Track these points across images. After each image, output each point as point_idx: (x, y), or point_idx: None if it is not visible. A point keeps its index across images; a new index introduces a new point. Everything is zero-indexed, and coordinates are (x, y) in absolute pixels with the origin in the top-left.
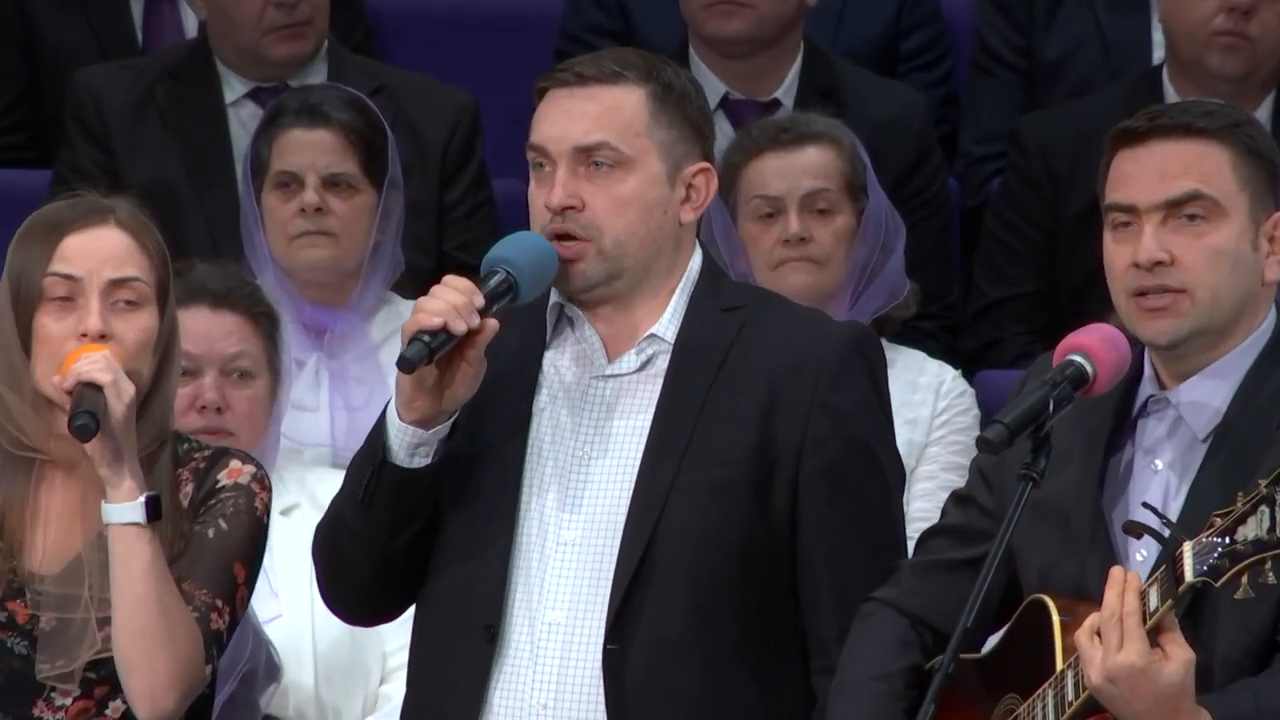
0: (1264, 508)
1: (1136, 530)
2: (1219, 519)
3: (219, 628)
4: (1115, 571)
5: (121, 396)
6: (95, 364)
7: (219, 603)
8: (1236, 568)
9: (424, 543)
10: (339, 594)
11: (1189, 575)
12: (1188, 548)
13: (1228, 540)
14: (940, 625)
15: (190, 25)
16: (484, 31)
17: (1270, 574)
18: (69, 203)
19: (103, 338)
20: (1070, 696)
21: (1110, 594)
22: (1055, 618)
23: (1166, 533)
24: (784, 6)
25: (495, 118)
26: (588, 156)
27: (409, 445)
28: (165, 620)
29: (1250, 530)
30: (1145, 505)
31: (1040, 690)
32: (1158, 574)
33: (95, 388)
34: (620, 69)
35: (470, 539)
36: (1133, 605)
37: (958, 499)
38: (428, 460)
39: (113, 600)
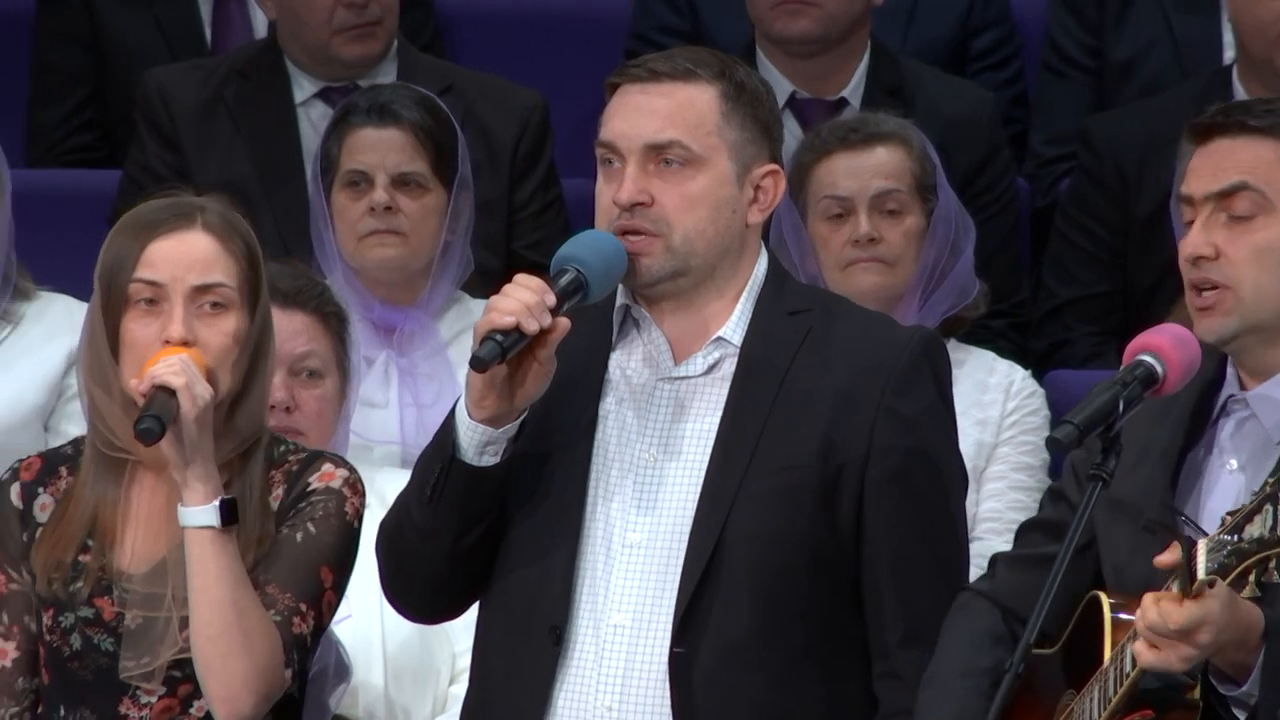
0: (1269, 506)
1: (1153, 528)
2: (1229, 517)
3: (302, 632)
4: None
5: (195, 400)
6: (170, 367)
7: (303, 607)
8: (1241, 565)
9: (490, 542)
10: (403, 590)
11: (1201, 572)
12: (1202, 545)
13: (1235, 538)
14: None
15: (259, 25)
16: (553, 31)
17: (1275, 572)
18: (158, 203)
19: (185, 344)
20: (1110, 692)
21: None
22: (1107, 615)
23: (1195, 530)
24: (851, 6)
25: (565, 117)
26: (658, 154)
27: (478, 443)
28: (241, 623)
29: (1255, 529)
30: (1166, 504)
31: (1088, 685)
32: (1177, 571)
33: (168, 391)
34: (693, 67)
35: (537, 540)
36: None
37: (1053, 494)
38: (496, 459)
39: (190, 604)
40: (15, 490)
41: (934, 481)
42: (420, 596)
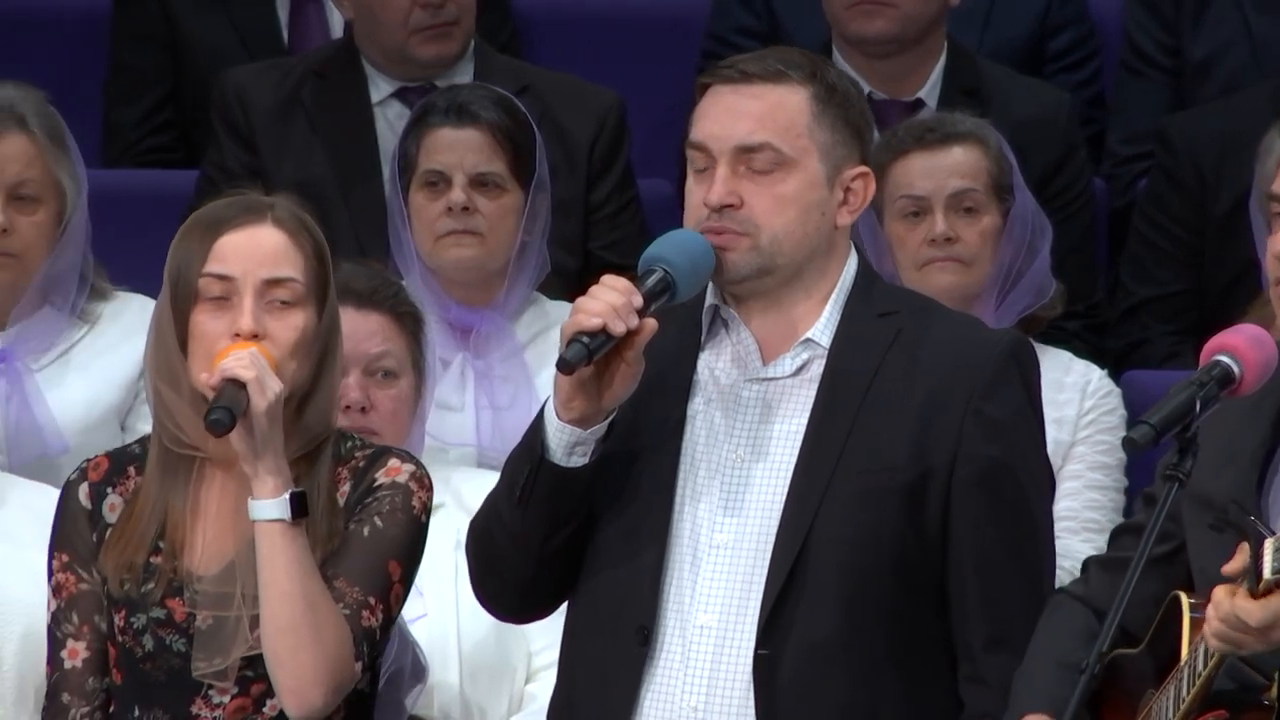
0: None
1: (1220, 526)
2: None
3: (371, 625)
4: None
5: (265, 393)
6: (240, 360)
7: (372, 600)
8: None
9: (578, 542)
10: (492, 591)
11: (1267, 572)
12: (1269, 544)
13: None
14: (1126, 621)
15: (336, 25)
16: (630, 32)
17: None
18: (227, 201)
19: (255, 337)
20: (1184, 691)
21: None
22: (1186, 614)
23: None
24: (927, 6)
25: (641, 118)
26: (749, 156)
27: (567, 444)
28: (311, 616)
29: None
30: (1234, 502)
31: (1165, 683)
32: (1245, 570)
33: (239, 384)
34: (784, 68)
35: (625, 540)
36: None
37: (1145, 497)
38: (585, 459)
39: (260, 597)
40: (84, 490)
41: (1021, 485)
42: (510, 597)
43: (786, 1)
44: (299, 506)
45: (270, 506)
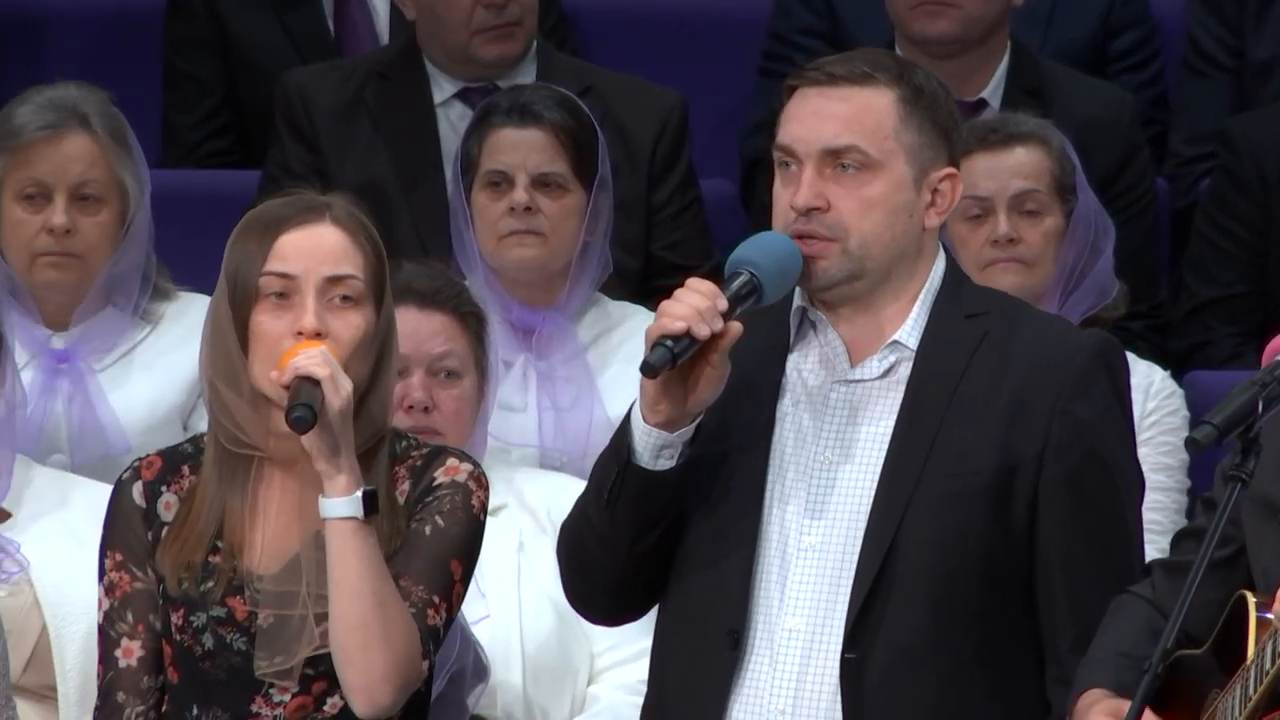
0: None
1: None
2: None
3: (435, 624)
4: None
5: (339, 391)
6: (313, 359)
7: (435, 599)
8: None
9: (668, 545)
10: (584, 593)
11: None
12: None
13: None
14: (1188, 624)
15: (381, 25)
16: (691, 32)
17: None
18: (285, 200)
19: (318, 335)
20: (1251, 690)
21: None
22: (1252, 613)
23: None
24: (990, 6)
25: (703, 118)
26: (836, 158)
27: (653, 447)
28: (382, 614)
29: None
30: None
31: (1231, 683)
32: None
33: (313, 382)
34: (871, 70)
35: (714, 543)
36: None
37: (1204, 502)
38: (672, 462)
39: (330, 595)
40: (137, 489)
41: (1109, 485)
42: (601, 599)
43: (849, 1)
44: (370, 504)
45: (343, 504)
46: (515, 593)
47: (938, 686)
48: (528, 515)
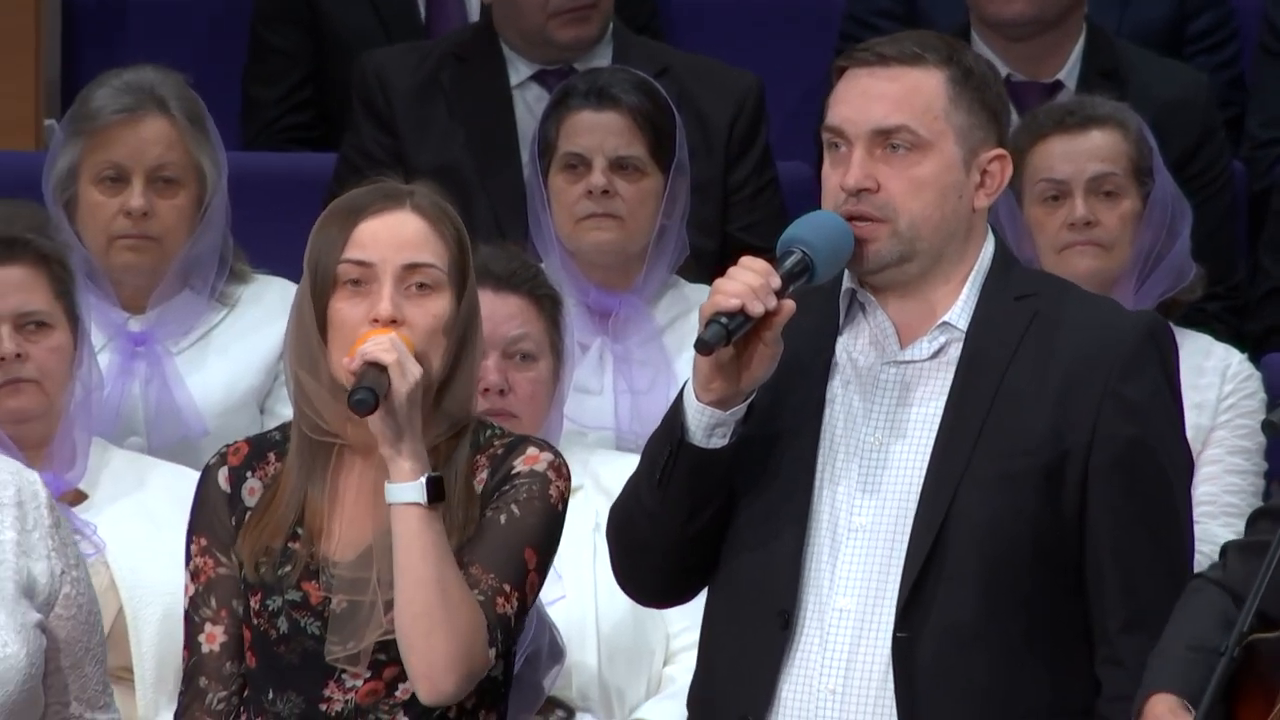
0: None
1: None
2: None
3: (506, 612)
4: None
5: (406, 376)
6: (380, 344)
7: (506, 587)
8: None
9: (719, 525)
10: (633, 575)
11: None
12: None
13: None
14: (1262, 605)
15: (473, 6)
16: (768, 14)
17: None
18: (367, 189)
19: (393, 323)
20: None
21: None
22: None
23: None
24: None
25: (780, 100)
26: (885, 139)
27: (706, 426)
28: (444, 601)
29: None
30: None
31: None
32: None
33: (379, 368)
34: (921, 51)
35: (765, 523)
36: None
37: None
38: (725, 441)
39: (395, 580)
40: (223, 475)
41: (1159, 467)
42: (651, 580)
43: None
44: (435, 491)
45: (407, 490)
46: (591, 574)
47: (988, 666)
48: (604, 497)
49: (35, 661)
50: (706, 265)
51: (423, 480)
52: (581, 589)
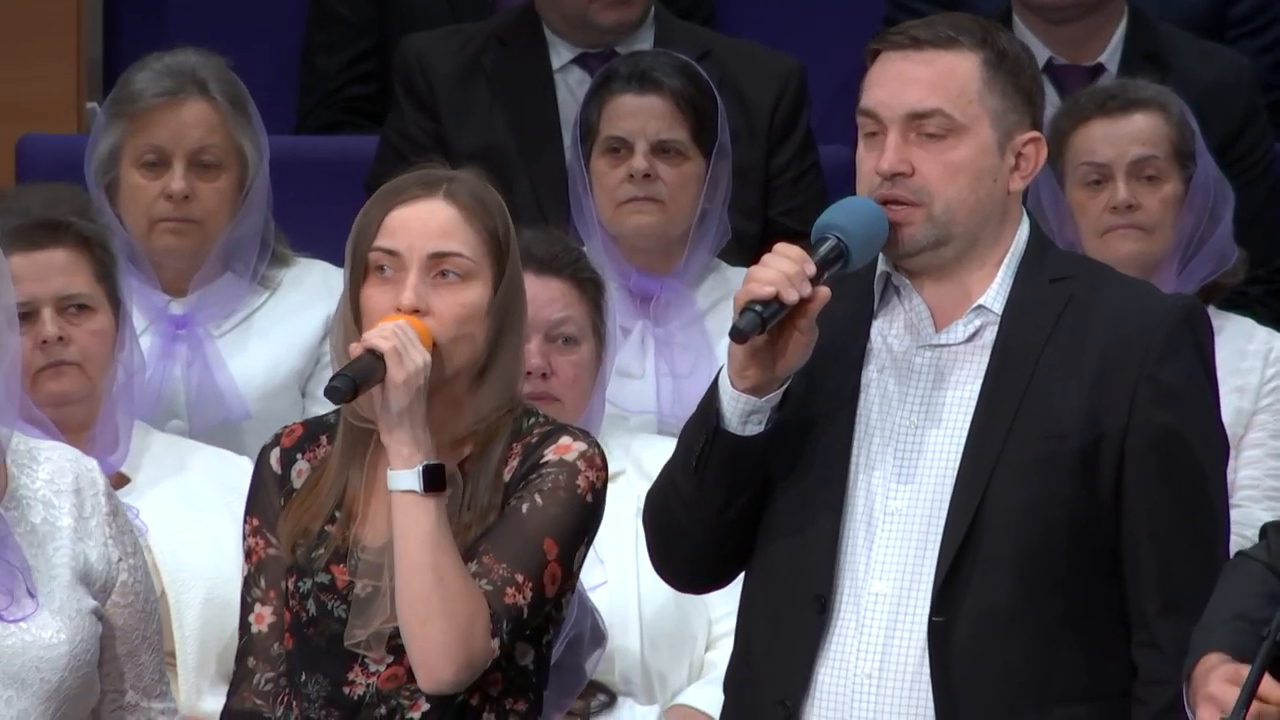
0: None
1: None
2: None
3: (516, 603)
4: None
5: (404, 365)
6: (380, 331)
7: (519, 578)
8: None
9: (755, 511)
10: (669, 561)
11: None
12: None
13: None
14: None
15: None
16: None
17: None
18: (409, 175)
19: (416, 312)
20: None
21: None
22: None
23: None
24: None
25: (822, 84)
26: (920, 123)
27: (742, 413)
28: (441, 590)
29: None
30: None
31: None
32: None
33: (376, 355)
34: (955, 34)
35: (801, 508)
36: None
37: None
38: (761, 428)
39: (395, 567)
40: (275, 456)
41: (1194, 451)
42: (686, 566)
43: None
44: (432, 479)
45: (403, 477)
46: (634, 559)
47: (1024, 650)
48: (646, 482)
49: (89, 649)
50: (748, 249)
51: (419, 468)
52: (624, 574)
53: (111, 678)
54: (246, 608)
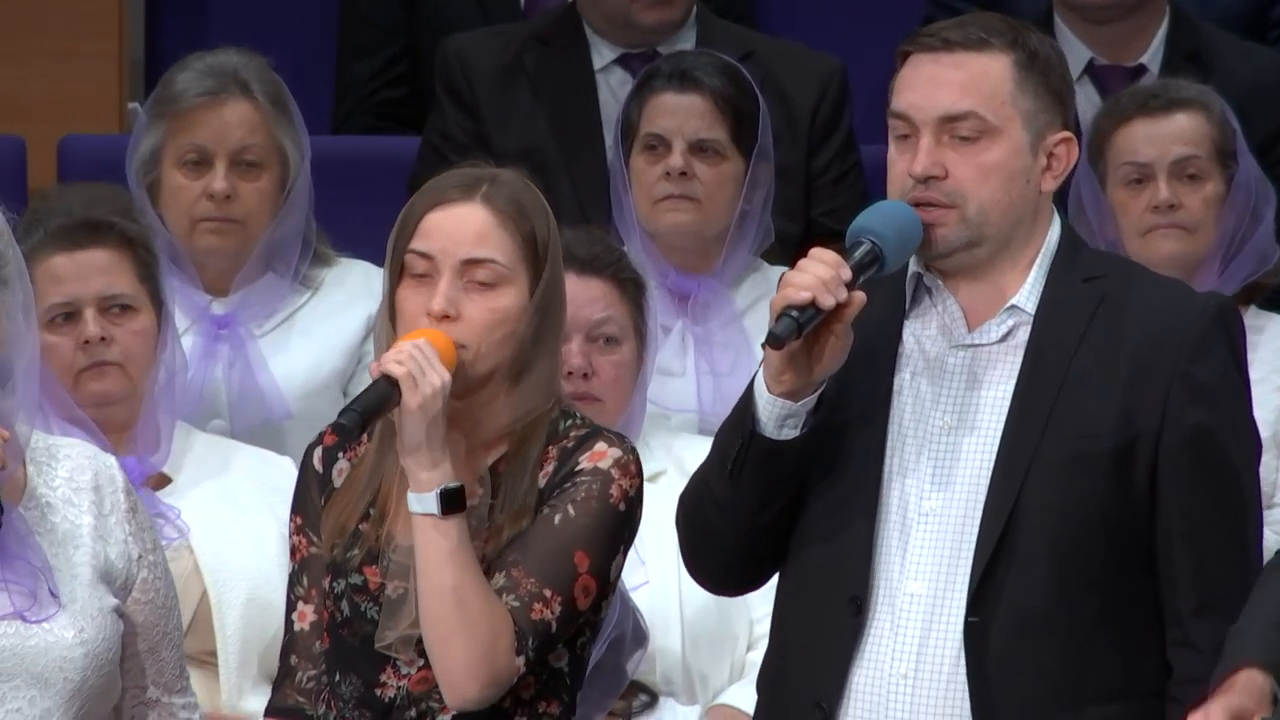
0: None
1: None
2: None
3: (544, 618)
4: None
5: (419, 389)
6: (396, 354)
7: (547, 593)
8: None
9: (789, 514)
10: (703, 564)
11: None
12: None
13: None
14: None
15: None
16: None
17: None
18: (450, 175)
19: (446, 317)
20: None
21: None
22: None
23: None
24: None
25: (863, 84)
26: (953, 126)
27: (778, 417)
28: (460, 611)
29: None
30: None
31: None
32: None
33: (391, 380)
34: (986, 35)
35: (836, 511)
36: None
37: None
38: (796, 432)
39: (417, 586)
40: (318, 454)
41: (1228, 449)
42: (720, 569)
43: None
44: (450, 503)
45: (421, 500)
46: (675, 559)
47: (1060, 650)
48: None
49: (111, 648)
50: (789, 249)
51: (436, 492)
52: (665, 574)
53: (133, 674)
54: (290, 605)
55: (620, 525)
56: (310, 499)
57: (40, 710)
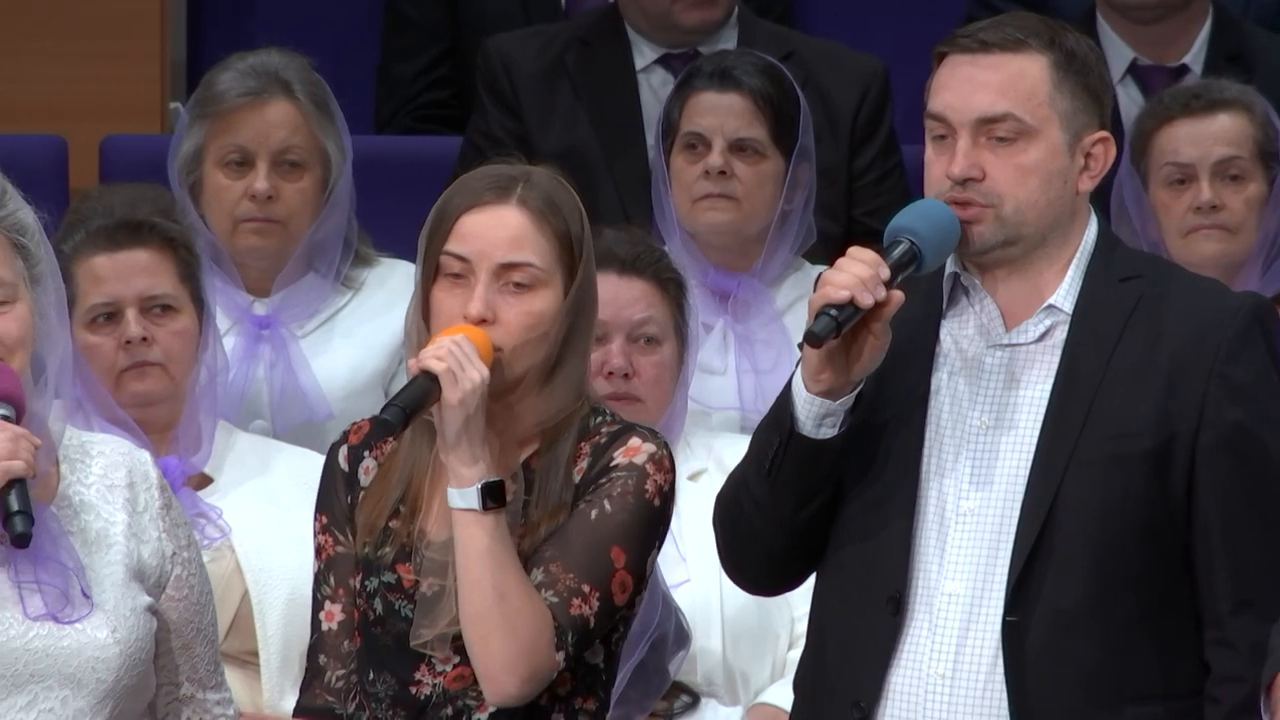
0: None
1: None
2: None
3: (583, 614)
4: None
5: (459, 385)
6: (436, 350)
7: (585, 588)
8: None
9: (827, 513)
10: (741, 563)
11: None
12: None
13: None
14: None
15: None
16: None
17: None
18: (485, 172)
19: (483, 320)
20: None
21: None
22: None
23: None
24: None
25: (905, 84)
26: (991, 127)
27: (816, 416)
28: (501, 606)
29: None
30: None
31: None
32: None
33: (431, 376)
34: (1023, 36)
35: (874, 511)
36: None
37: None
38: (835, 431)
39: (458, 582)
40: (343, 453)
41: (1266, 448)
42: (758, 568)
43: None
44: (491, 497)
45: (462, 496)
46: (715, 558)
47: (1099, 649)
48: None
49: (144, 647)
50: (832, 248)
51: (477, 487)
52: (706, 573)
53: (167, 671)
54: (317, 605)
55: (655, 521)
56: (336, 497)
57: (73, 710)
